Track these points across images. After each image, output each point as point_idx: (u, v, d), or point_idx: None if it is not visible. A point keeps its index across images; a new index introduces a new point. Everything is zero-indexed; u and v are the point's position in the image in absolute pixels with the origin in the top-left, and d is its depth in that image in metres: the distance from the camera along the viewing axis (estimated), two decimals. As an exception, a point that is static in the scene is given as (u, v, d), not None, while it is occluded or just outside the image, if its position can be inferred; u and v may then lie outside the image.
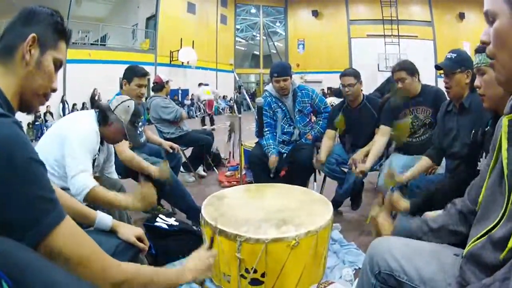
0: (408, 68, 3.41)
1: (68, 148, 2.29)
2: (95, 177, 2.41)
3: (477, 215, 1.29)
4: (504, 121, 1.13)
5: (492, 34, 1.00)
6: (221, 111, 24.57)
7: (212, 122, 13.12)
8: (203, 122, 13.38)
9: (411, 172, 2.92)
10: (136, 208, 2.32)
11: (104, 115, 2.53)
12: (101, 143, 2.60)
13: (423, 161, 2.96)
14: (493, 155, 1.21)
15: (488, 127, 2.00)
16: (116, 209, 2.36)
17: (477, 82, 1.98)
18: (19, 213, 0.88)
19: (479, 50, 1.97)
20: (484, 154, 1.99)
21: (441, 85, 3.36)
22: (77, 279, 0.92)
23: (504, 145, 1.11)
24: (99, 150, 2.58)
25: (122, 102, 2.60)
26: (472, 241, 1.21)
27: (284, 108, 4.17)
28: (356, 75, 3.94)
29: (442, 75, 2.69)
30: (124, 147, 3.28)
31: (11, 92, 1.09)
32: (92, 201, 2.20)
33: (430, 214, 2.00)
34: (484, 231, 1.15)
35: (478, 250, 1.16)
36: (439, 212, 1.79)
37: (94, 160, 2.48)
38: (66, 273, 0.90)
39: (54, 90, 1.24)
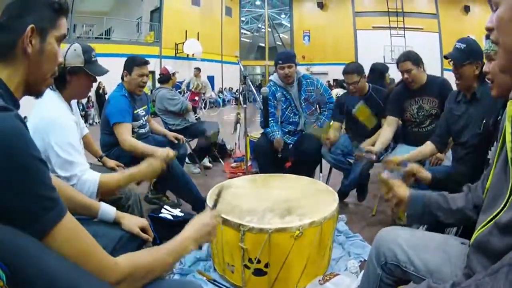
0: (413, 58, 3.38)
1: (56, 160, 2.10)
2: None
3: (484, 202, 1.27)
4: (509, 105, 1.12)
5: (495, 20, 1.04)
6: (226, 102, 24.58)
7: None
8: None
9: (412, 153, 2.90)
10: (144, 175, 2.30)
11: (60, 78, 2.27)
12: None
13: (427, 146, 2.93)
14: (499, 143, 1.20)
15: (500, 116, 1.97)
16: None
17: (485, 67, 1.95)
18: (18, 211, 0.85)
19: (490, 36, 1.95)
20: (495, 144, 1.97)
21: (447, 77, 3.33)
22: (73, 266, 0.91)
23: (508, 128, 1.10)
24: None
25: (66, 51, 2.37)
26: (479, 228, 1.20)
27: (289, 97, 4.14)
28: (359, 71, 3.90)
29: (451, 63, 2.65)
30: (126, 135, 3.27)
31: (15, 83, 1.07)
32: (105, 192, 2.15)
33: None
34: (491, 217, 1.14)
35: (485, 236, 1.15)
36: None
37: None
38: (62, 260, 0.89)
39: (60, 64, 1.22)
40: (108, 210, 1.89)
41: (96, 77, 2.51)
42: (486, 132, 2.40)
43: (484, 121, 2.45)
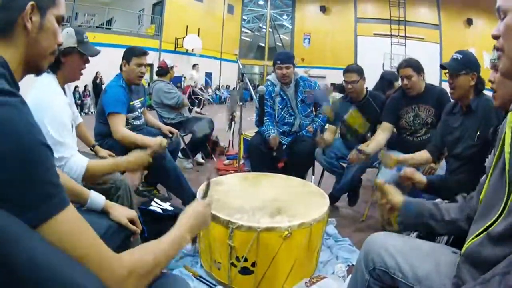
0: (414, 66, 3.39)
1: (48, 140, 2.11)
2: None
3: (477, 212, 1.27)
4: (509, 115, 1.12)
5: (502, 28, 1.05)
6: (223, 100, 24.55)
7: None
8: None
9: (412, 156, 2.91)
10: (130, 166, 2.33)
11: (54, 60, 2.35)
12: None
13: (424, 153, 2.94)
14: (497, 152, 1.20)
15: (498, 126, 1.98)
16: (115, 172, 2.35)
17: (491, 77, 1.96)
18: (23, 195, 0.84)
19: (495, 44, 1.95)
20: (492, 152, 1.97)
21: (446, 88, 3.33)
22: (65, 257, 0.88)
23: (508, 139, 1.10)
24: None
25: None
26: (471, 238, 1.19)
27: (285, 97, 4.13)
28: (360, 71, 3.89)
29: (447, 74, 2.65)
30: (119, 126, 3.26)
31: (15, 64, 1.06)
32: (90, 177, 2.17)
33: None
34: (484, 227, 1.13)
35: (476, 247, 1.14)
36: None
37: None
38: (54, 251, 0.86)
39: (60, 45, 1.22)
40: (97, 198, 1.88)
41: (89, 58, 2.53)
42: (481, 143, 2.41)
43: (478, 133, 2.46)
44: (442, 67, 2.66)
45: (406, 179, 2.45)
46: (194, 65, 11.80)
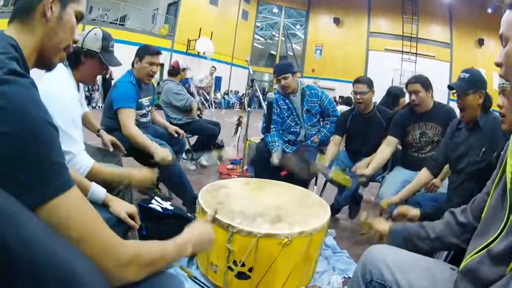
0: (423, 82, 3.37)
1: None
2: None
3: (476, 230, 1.27)
4: (511, 140, 1.13)
5: (503, 56, 1.05)
6: (231, 105, 24.58)
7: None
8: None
9: (405, 190, 2.90)
10: (133, 181, 2.28)
11: (75, 57, 2.34)
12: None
13: (421, 175, 2.96)
14: (498, 173, 1.21)
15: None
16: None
17: (499, 101, 1.95)
18: (29, 172, 0.84)
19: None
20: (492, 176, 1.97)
21: (453, 106, 3.32)
22: (60, 241, 0.87)
23: (510, 161, 1.09)
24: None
25: (87, 33, 2.42)
26: (470, 256, 1.19)
27: (291, 106, 4.14)
28: (370, 83, 3.89)
29: (455, 95, 2.65)
30: (129, 122, 3.26)
31: (29, 50, 1.07)
32: (91, 178, 2.14)
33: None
34: (483, 245, 1.13)
35: (476, 264, 1.14)
36: None
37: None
38: (50, 233, 0.85)
39: (75, 42, 1.23)
40: (98, 191, 1.88)
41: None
42: (485, 161, 2.40)
43: (483, 150, 2.45)
44: (450, 87, 2.66)
45: (400, 217, 2.46)
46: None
